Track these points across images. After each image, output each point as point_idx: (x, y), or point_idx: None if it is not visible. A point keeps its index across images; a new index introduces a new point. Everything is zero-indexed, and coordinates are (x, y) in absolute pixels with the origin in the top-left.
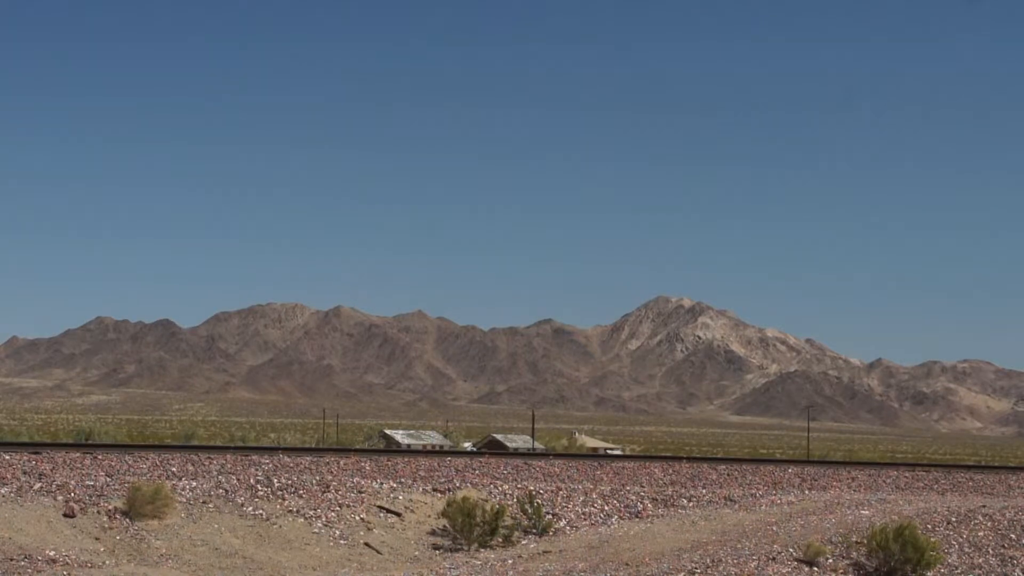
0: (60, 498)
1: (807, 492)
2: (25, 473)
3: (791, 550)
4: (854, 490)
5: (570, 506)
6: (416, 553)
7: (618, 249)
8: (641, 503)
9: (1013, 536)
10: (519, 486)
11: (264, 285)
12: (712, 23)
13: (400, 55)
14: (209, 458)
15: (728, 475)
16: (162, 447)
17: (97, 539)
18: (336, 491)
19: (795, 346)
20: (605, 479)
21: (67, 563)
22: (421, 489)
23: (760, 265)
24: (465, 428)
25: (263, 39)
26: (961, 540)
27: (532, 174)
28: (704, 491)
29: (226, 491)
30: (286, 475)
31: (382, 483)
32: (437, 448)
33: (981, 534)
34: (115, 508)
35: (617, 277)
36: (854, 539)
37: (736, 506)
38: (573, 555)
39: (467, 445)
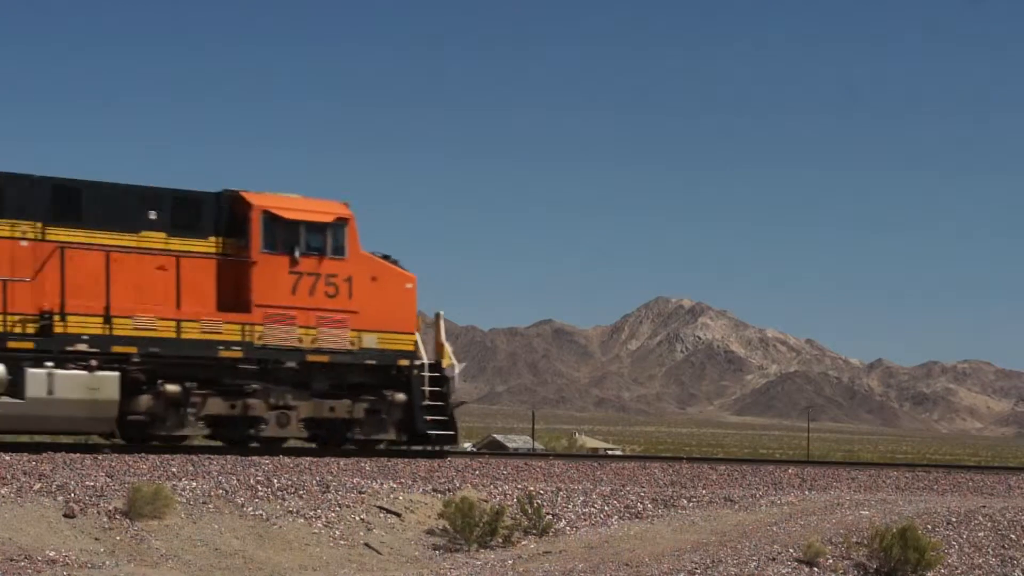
0: (60, 498)
1: (807, 493)
2: (25, 473)
3: (791, 550)
4: (854, 491)
5: (570, 507)
6: (416, 553)
7: (618, 249)
8: (641, 503)
9: (1013, 536)
10: (519, 486)
11: None
12: (710, 23)
13: (399, 55)
14: (209, 458)
15: (728, 475)
16: (162, 448)
17: (97, 540)
18: (336, 492)
19: (795, 346)
20: (605, 479)
21: (67, 563)
22: (421, 489)
23: (760, 265)
24: (465, 428)
25: (263, 38)
26: (961, 540)
27: (532, 174)
28: (704, 491)
29: (226, 491)
30: (286, 475)
31: (382, 483)
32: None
33: (981, 534)
34: (115, 509)
35: (617, 277)
36: (854, 539)
37: (736, 507)
38: (573, 555)
39: (467, 445)
